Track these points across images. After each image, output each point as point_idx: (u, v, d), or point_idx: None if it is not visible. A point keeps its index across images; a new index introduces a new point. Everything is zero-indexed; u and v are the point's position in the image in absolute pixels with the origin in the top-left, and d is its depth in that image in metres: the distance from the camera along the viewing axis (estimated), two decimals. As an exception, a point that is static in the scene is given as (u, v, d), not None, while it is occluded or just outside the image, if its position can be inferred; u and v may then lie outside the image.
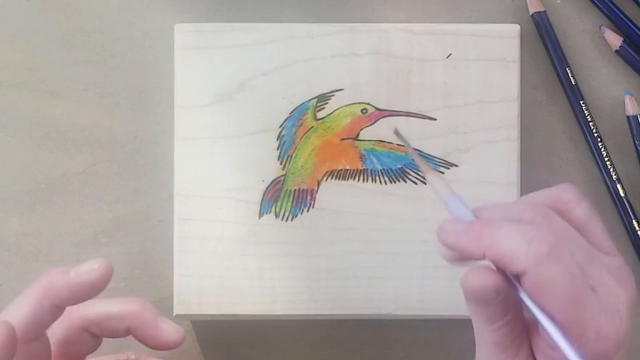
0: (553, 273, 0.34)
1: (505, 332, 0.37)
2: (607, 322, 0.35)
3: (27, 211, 0.52)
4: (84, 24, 0.52)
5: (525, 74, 0.52)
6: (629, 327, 0.36)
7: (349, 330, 0.52)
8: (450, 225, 0.38)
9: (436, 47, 0.50)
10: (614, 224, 0.52)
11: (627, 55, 0.51)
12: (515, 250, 0.35)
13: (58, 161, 0.52)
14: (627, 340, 0.36)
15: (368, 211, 0.50)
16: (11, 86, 0.52)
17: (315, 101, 0.50)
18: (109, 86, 0.52)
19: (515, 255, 0.35)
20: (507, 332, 0.37)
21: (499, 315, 0.37)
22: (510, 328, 0.37)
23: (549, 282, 0.34)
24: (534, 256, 0.34)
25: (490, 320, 0.37)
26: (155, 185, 0.52)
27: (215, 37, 0.50)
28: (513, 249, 0.35)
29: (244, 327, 0.52)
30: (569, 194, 0.38)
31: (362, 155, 0.50)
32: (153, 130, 0.52)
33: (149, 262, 0.52)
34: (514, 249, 0.35)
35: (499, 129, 0.50)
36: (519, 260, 0.35)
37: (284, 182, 0.50)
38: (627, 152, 0.52)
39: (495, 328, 0.37)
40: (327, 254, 0.50)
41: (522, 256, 0.34)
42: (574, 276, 0.35)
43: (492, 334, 0.37)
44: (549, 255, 0.34)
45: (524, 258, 0.34)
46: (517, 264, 0.35)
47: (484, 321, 0.37)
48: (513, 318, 0.37)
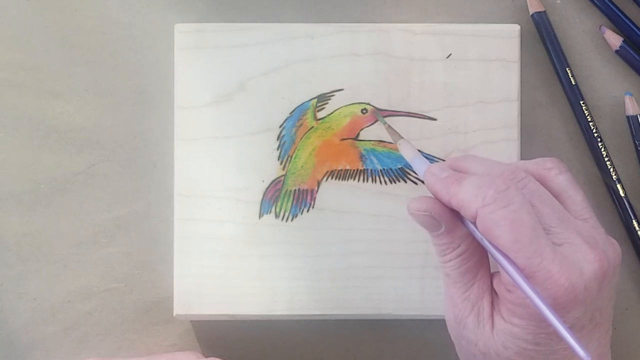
0: (498, 215, 0.38)
1: (453, 266, 0.42)
2: (560, 270, 0.38)
3: (27, 211, 0.52)
4: (84, 24, 0.52)
5: (525, 74, 0.52)
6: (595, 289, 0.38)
7: (349, 330, 0.52)
8: (435, 169, 0.42)
9: (436, 47, 0.50)
10: (614, 224, 0.52)
11: (627, 55, 0.51)
12: (468, 198, 0.39)
13: (58, 161, 0.52)
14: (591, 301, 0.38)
15: (368, 211, 0.50)
16: (11, 86, 0.52)
17: (315, 101, 0.50)
18: (109, 86, 0.52)
19: (468, 201, 0.39)
20: (455, 266, 0.42)
21: (448, 249, 0.42)
22: (458, 263, 0.42)
23: (494, 224, 0.38)
24: (482, 201, 0.39)
25: (441, 252, 0.42)
26: (155, 185, 0.52)
27: (215, 37, 0.50)
28: (467, 196, 0.39)
29: (244, 327, 0.52)
30: (553, 163, 0.43)
31: (362, 155, 0.50)
32: (153, 130, 0.52)
33: (149, 262, 0.52)
34: (468, 196, 0.39)
35: (499, 129, 0.50)
36: (470, 206, 0.39)
37: (284, 182, 0.50)
38: (627, 152, 0.52)
39: (445, 260, 0.42)
40: (327, 254, 0.50)
41: (472, 202, 0.39)
42: (521, 220, 0.38)
43: (444, 266, 0.42)
44: (495, 199, 0.38)
45: (474, 203, 0.39)
46: (469, 208, 0.39)
47: (437, 253, 0.42)
48: (463, 254, 0.41)
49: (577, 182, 0.42)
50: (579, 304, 0.38)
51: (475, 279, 0.42)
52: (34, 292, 0.52)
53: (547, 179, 0.42)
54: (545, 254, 0.38)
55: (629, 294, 0.52)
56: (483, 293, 0.41)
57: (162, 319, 0.52)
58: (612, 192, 0.51)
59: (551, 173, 0.42)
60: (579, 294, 0.38)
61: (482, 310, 0.41)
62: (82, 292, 0.52)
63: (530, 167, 0.42)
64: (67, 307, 0.52)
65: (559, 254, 0.38)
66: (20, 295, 0.52)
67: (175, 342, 0.52)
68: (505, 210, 0.38)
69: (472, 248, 0.42)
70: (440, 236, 0.42)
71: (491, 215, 0.38)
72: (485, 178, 0.40)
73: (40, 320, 0.52)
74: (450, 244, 0.41)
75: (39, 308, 0.52)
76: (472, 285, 0.42)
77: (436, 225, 0.41)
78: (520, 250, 0.38)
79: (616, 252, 0.41)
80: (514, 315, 0.40)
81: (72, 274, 0.52)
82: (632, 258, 0.52)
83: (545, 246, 0.38)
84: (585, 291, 0.38)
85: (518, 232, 0.38)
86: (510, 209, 0.38)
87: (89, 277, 0.52)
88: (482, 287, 0.42)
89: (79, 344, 0.52)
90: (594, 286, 0.38)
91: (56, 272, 0.52)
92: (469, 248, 0.42)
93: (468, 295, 0.42)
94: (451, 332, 0.44)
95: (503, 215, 0.38)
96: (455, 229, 0.41)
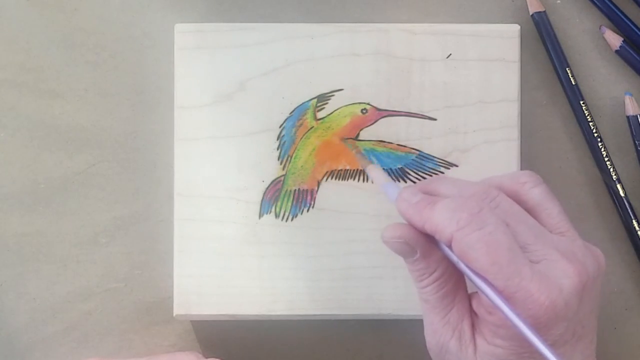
0: (473, 238, 0.37)
1: (431, 291, 0.41)
2: (539, 289, 0.37)
3: (27, 211, 0.52)
4: (84, 24, 0.52)
5: (525, 74, 0.52)
6: (575, 304, 0.38)
7: (349, 330, 0.52)
8: (406, 194, 0.41)
9: (436, 47, 0.50)
10: (614, 224, 0.52)
11: (627, 55, 0.51)
12: (442, 222, 0.38)
13: (58, 161, 0.52)
14: (573, 316, 0.38)
15: (368, 211, 0.50)
16: (11, 86, 0.52)
17: (315, 101, 0.50)
18: (109, 86, 0.52)
19: (442, 226, 0.38)
20: (433, 291, 0.41)
21: (425, 274, 0.41)
22: (436, 287, 0.41)
23: (470, 247, 0.38)
24: (456, 224, 0.38)
25: (418, 277, 0.41)
26: (155, 185, 0.52)
27: (215, 37, 0.50)
28: (441, 221, 0.39)
29: (244, 327, 0.52)
30: (527, 176, 0.42)
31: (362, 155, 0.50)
32: (153, 130, 0.52)
33: (149, 262, 0.52)
34: (441, 221, 0.39)
35: (499, 129, 0.50)
36: (444, 230, 0.38)
37: (284, 182, 0.50)
38: (627, 152, 0.52)
39: (423, 286, 0.41)
40: (327, 254, 0.50)
41: (447, 226, 0.38)
42: (496, 241, 0.37)
43: (421, 292, 0.42)
44: (469, 222, 0.38)
45: (448, 227, 0.38)
46: (444, 232, 0.38)
47: (414, 279, 0.42)
48: (440, 278, 0.41)
49: (552, 194, 0.42)
50: (561, 320, 0.38)
51: (454, 303, 0.41)
52: (34, 292, 0.52)
53: (521, 193, 0.41)
54: (523, 273, 0.37)
55: (629, 294, 0.52)
56: (463, 316, 0.41)
57: (162, 319, 0.52)
58: (612, 192, 0.51)
59: (525, 187, 0.41)
60: (560, 311, 0.37)
61: (464, 334, 0.41)
62: (82, 292, 0.52)
63: (503, 183, 0.42)
64: (67, 307, 0.52)
65: (537, 272, 0.38)
66: (20, 295, 0.52)
67: (175, 342, 0.52)
68: (481, 232, 0.37)
69: (448, 271, 0.41)
70: (416, 262, 0.41)
71: (466, 238, 0.38)
72: (458, 200, 0.39)
73: (40, 320, 0.52)
74: (426, 269, 0.41)
75: (39, 308, 0.52)
76: (451, 309, 0.41)
77: (411, 252, 0.41)
78: (498, 272, 0.37)
79: (597, 261, 0.40)
80: (497, 337, 0.39)
81: (72, 274, 0.52)
82: (632, 258, 0.52)
83: (522, 266, 0.37)
84: (566, 307, 0.38)
85: (495, 254, 0.37)
86: (485, 231, 0.38)
87: (89, 277, 0.52)
88: (461, 310, 0.41)
89: (79, 344, 0.52)
90: (574, 301, 0.38)
91: (56, 272, 0.52)
92: (445, 272, 0.41)
93: (448, 319, 0.41)
94: (434, 358, 0.43)
95: (478, 237, 0.37)
96: (430, 253, 0.41)
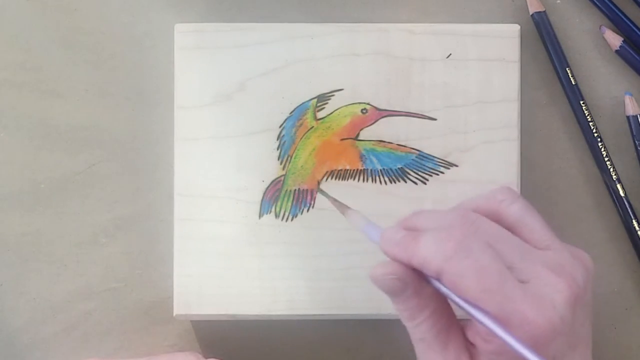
0: (462, 267, 0.37)
1: (426, 328, 0.40)
2: (533, 309, 0.37)
3: (27, 211, 0.52)
4: (84, 24, 0.52)
5: (525, 74, 0.52)
6: (569, 316, 0.38)
7: (349, 330, 0.52)
8: (388, 233, 0.40)
9: (436, 47, 0.50)
10: (614, 224, 0.52)
11: (627, 55, 0.51)
12: (429, 255, 0.38)
13: (58, 161, 0.52)
14: (569, 329, 0.38)
15: (368, 211, 0.50)
16: (11, 86, 0.52)
17: (315, 101, 0.50)
18: (109, 86, 0.52)
19: (429, 258, 0.38)
20: (428, 328, 0.40)
21: (418, 311, 0.40)
22: (431, 324, 0.40)
23: (460, 276, 0.37)
24: (443, 255, 0.37)
25: (411, 316, 0.40)
26: (155, 185, 0.52)
27: (216, 37, 0.50)
28: (427, 254, 0.38)
29: (244, 327, 0.52)
30: (503, 194, 0.41)
31: (362, 155, 0.50)
32: (153, 130, 0.52)
33: (149, 262, 0.52)
34: (428, 253, 0.38)
35: (499, 129, 0.50)
36: (432, 262, 0.38)
37: (284, 182, 0.50)
38: (627, 152, 0.52)
39: (417, 324, 0.40)
40: (327, 254, 0.50)
41: (433, 258, 0.38)
42: (485, 268, 0.37)
43: (415, 331, 0.40)
44: (456, 251, 0.37)
45: (435, 259, 0.37)
46: (432, 265, 0.38)
47: (406, 319, 0.40)
48: (433, 314, 0.40)
49: (532, 208, 0.41)
50: (558, 336, 0.37)
51: (450, 337, 0.40)
52: (34, 292, 0.52)
53: (499, 211, 0.40)
54: (515, 296, 0.37)
55: (629, 294, 0.52)
56: (460, 350, 0.40)
57: (162, 319, 0.52)
58: (612, 192, 0.51)
59: (503, 205, 0.40)
60: (556, 327, 0.37)
61: None
62: (82, 292, 0.52)
63: (480, 204, 0.41)
64: (67, 307, 0.52)
65: (529, 293, 0.37)
66: (20, 295, 0.52)
67: (175, 342, 0.52)
68: (468, 260, 0.37)
69: (441, 306, 0.40)
70: (408, 299, 0.40)
71: (455, 268, 0.37)
72: (442, 231, 0.38)
73: (40, 320, 0.52)
74: (418, 306, 0.40)
75: (39, 308, 0.52)
76: (448, 343, 0.40)
77: (403, 289, 0.39)
78: (490, 298, 0.37)
79: (584, 267, 0.40)
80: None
81: (72, 274, 0.52)
82: (632, 258, 0.52)
83: (514, 288, 0.37)
84: (562, 322, 0.37)
85: (485, 280, 0.37)
86: (472, 258, 0.37)
87: (89, 277, 0.52)
88: (457, 344, 0.40)
89: (79, 344, 0.52)
90: (569, 314, 0.38)
91: (56, 272, 0.52)
92: (438, 306, 0.40)
93: (445, 355, 0.40)
94: None
95: (467, 266, 0.37)
96: (421, 289, 0.40)
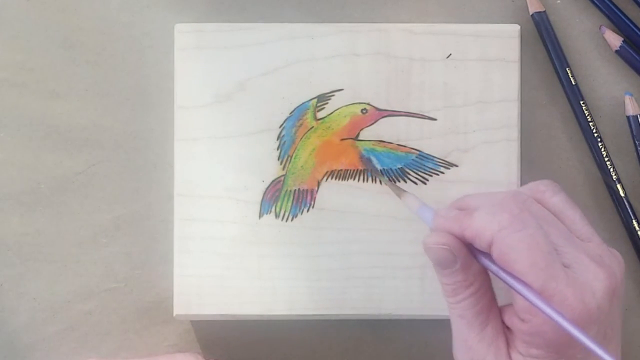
0: (515, 239, 0.38)
1: (468, 306, 0.41)
2: (574, 294, 0.37)
3: (27, 211, 0.52)
4: (84, 24, 0.52)
5: (525, 74, 0.52)
6: (606, 307, 0.38)
7: (349, 330, 0.52)
8: (443, 211, 0.42)
9: (436, 47, 0.50)
10: (614, 224, 0.52)
11: (627, 55, 0.51)
12: (483, 225, 0.39)
13: (58, 161, 0.52)
14: (604, 318, 0.38)
15: (368, 211, 0.50)
16: (11, 86, 0.52)
17: (315, 101, 0.50)
18: (109, 86, 0.52)
19: (483, 229, 0.39)
20: (470, 305, 0.40)
21: (463, 287, 0.40)
22: (473, 301, 0.40)
23: (511, 248, 0.38)
24: (497, 225, 0.38)
25: (454, 292, 0.41)
26: (155, 185, 0.52)
27: (215, 37, 0.50)
28: (482, 224, 0.39)
29: (244, 327, 0.52)
30: (546, 186, 0.42)
31: (362, 155, 0.50)
32: (153, 130, 0.52)
33: (149, 262, 0.52)
34: (482, 224, 0.39)
35: (499, 129, 0.50)
36: (485, 232, 0.38)
37: (284, 182, 0.50)
38: (627, 152, 0.52)
39: (459, 300, 0.41)
40: (327, 254, 0.50)
41: (487, 228, 0.38)
42: (537, 243, 0.38)
43: (456, 307, 0.41)
44: (511, 223, 0.38)
45: (489, 229, 0.38)
46: (485, 235, 0.38)
47: (449, 294, 0.41)
48: (476, 292, 0.40)
49: (572, 201, 0.42)
50: (593, 324, 0.38)
51: (489, 319, 0.41)
52: (34, 292, 0.52)
53: (543, 201, 0.41)
54: (559, 277, 0.37)
55: (629, 294, 0.52)
56: (498, 332, 0.41)
57: (162, 319, 0.52)
58: (612, 192, 0.51)
59: (545, 195, 0.41)
60: (593, 314, 0.38)
61: (499, 350, 0.40)
62: (82, 292, 0.52)
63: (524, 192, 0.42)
64: (67, 307, 0.52)
65: (572, 276, 0.38)
66: (20, 295, 0.52)
67: (175, 342, 0.52)
68: (522, 233, 0.38)
69: (485, 286, 0.41)
70: (455, 273, 0.40)
71: (508, 239, 0.38)
72: (497, 205, 0.39)
73: (40, 320, 0.52)
74: (463, 282, 0.40)
75: (39, 308, 0.52)
76: (487, 325, 0.41)
77: (452, 261, 0.40)
78: (536, 274, 0.37)
79: (620, 264, 0.41)
80: (532, 346, 0.39)
81: (72, 274, 0.52)
82: (632, 258, 0.52)
83: (559, 270, 0.38)
84: (599, 311, 0.38)
85: (535, 255, 0.37)
86: (526, 232, 0.38)
87: (89, 277, 0.52)
88: (496, 326, 0.41)
89: (79, 344, 0.52)
90: (606, 304, 0.38)
91: (56, 272, 0.52)
92: (482, 285, 0.41)
93: (483, 336, 0.40)
94: None
95: (520, 238, 0.38)
96: (470, 264, 0.40)
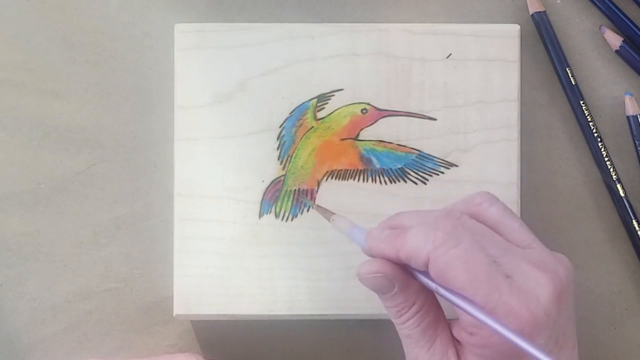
0: (451, 256, 0.37)
1: (413, 324, 0.41)
2: (519, 302, 0.37)
3: (27, 211, 0.52)
4: (84, 24, 0.52)
5: (525, 74, 0.52)
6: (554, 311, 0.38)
7: (349, 330, 0.52)
8: (374, 232, 0.41)
9: (436, 47, 0.50)
10: (614, 224, 0.52)
11: (627, 55, 0.51)
12: (417, 245, 0.38)
13: (58, 161, 0.52)
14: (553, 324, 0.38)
15: (368, 211, 0.50)
16: (11, 86, 0.52)
17: (315, 101, 0.50)
18: (109, 86, 0.52)
19: (418, 249, 0.38)
20: (415, 324, 0.41)
21: (405, 308, 0.41)
22: (418, 319, 0.41)
23: (448, 265, 0.37)
24: (432, 244, 0.38)
25: (398, 313, 0.41)
26: (155, 185, 0.52)
27: (215, 37, 0.50)
28: (416, 244, 0.38)
29: (244, 327, 0.52)
30: (482, 197, 0.42)
31: (362, 155, 0.50)
32: (153, 130, 0.52)
33: (149, 262, 0.52)
34: (416, 244, 0.38)
35: (499, 129, 0.50)
36: (420, 252, 0.38)
37: (284, 182, 0.50)
38: (627, 152, 0.52)
39: (404, 321, 0.41)
40: (327, 254, 0.50)
41: (422, 247, 0.38)
42: (474, 258, 0.37)
43: (403, 327, 0.41)
44: (445, 241, 0.38)
45: (424, 248, 0.38)
46: (420, 255, 0.38)
47: (393, 316, 0.41)
48: (420, 310, 0.41)
49: (510, 210, 0.42)
50: (543, 330, 0.38)
51: (437, 333, 0.41)
52: (34, 292, 0.52)
53: (479, 214, 0.41)
54: (502, 288, 0.37)
55: (629, 294, 0.52)
56: (447, 346, 0.41)
57: (162, 319, 0.52)
58: (612, 192, 0.51)
59: (482, 207, 0.41)
60: (541, 321, 0.38)
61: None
62: (82, 292, 0.52)
63: (460, 207, 0.42)
64: (67, 307, 0.52)
65: (515, 285, 0.38)
66: (20, 295, 0.52)
67: (175, 342, 0.52)
68: (457, 249, 0.37)
69: (428, 302, 0.41)
70: (395, 296, 0.41)
71: (443, 256, 0.37)
72: (430, 223, 0.39)
73: (40, 320, 0.52)
74: (405, 303, 0.41)
75: (39, 308, 0.52)
76: (435, 340, 0.41)
77: (389, 286, 0.40)
78: (477, 288, 0.37)
79: (566, 268, 0.40)
80: (482, 358, 0.39)
81: (72, 274, 0.52)
82: (632, 258, 0.52)
83: (501, 281, 0.37)
84: (546, 316, 0.38)
85: (473, 270, 0.37)
86: (462, 247, 0.38)
87: (89, 277, 0.52)
88: (444, 340, 0.41)
89: (79, 344, 0.52)
90: (554, 309, 0.38)
91: (56, 272, 0.52)
92: (425, 303, 0.41)
93: (433, 351, 0.41)
94: None
95: (456, 255, 0.37)
96: (408, 285, 0.40)
